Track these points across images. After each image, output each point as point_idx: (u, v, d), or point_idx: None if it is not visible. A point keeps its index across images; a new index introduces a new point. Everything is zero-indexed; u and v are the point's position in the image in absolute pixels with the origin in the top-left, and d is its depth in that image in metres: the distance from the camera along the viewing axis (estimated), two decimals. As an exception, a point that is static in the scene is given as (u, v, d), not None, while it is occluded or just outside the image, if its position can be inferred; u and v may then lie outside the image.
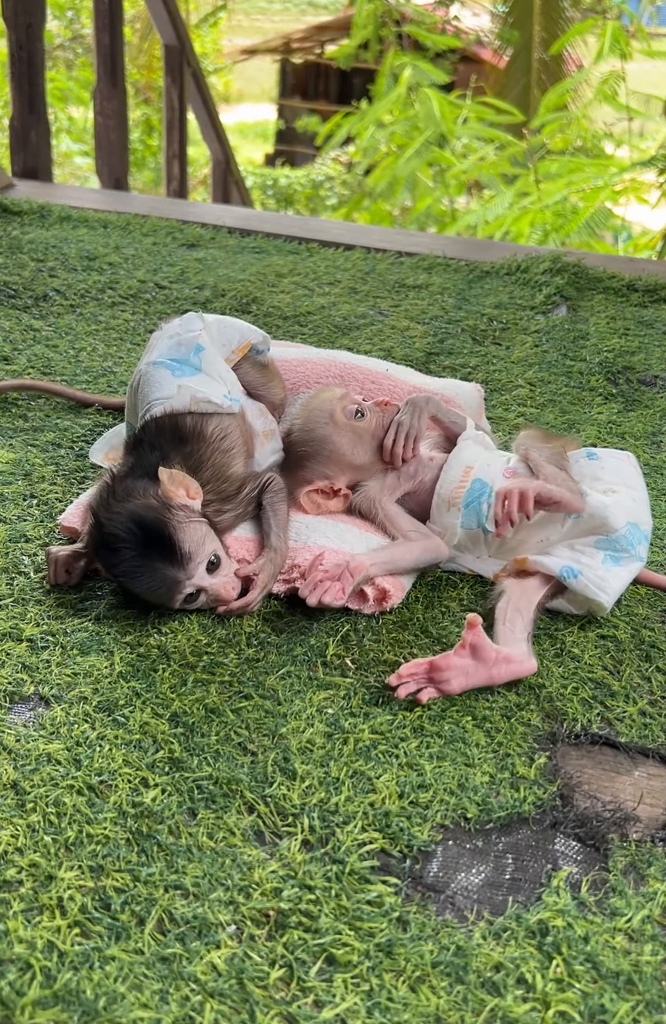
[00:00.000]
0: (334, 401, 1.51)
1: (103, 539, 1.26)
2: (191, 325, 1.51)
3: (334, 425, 1.48)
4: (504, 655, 1.20)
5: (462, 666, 1.18)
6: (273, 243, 3.10)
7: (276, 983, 0.83)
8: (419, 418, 1.47)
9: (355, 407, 1.50)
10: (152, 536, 1.23)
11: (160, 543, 1.23)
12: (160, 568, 1.24)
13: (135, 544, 1.23)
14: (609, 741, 1.14)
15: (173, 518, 1.25)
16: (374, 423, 1.49)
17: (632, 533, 1.35)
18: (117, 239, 3.00)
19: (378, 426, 1.49)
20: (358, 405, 1.50)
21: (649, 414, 2.03)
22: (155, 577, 1.24)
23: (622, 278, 2.80)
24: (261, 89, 13.99)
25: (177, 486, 1.29)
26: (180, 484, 1.29)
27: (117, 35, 4.17)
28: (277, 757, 1.07)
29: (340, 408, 1.49)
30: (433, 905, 0.91)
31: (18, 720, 1.10)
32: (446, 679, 1.17)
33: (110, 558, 1.27)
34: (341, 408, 1.49)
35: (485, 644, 1.19)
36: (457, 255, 3.08)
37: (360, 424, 1.49)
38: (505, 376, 2.17)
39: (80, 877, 0.91)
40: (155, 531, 1.23)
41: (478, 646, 1.19)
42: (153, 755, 1.06)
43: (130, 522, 1.24)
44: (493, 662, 1.19)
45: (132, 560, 1.24)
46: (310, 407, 1.53)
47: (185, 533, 1.25)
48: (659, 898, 0.93)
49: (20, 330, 2.23)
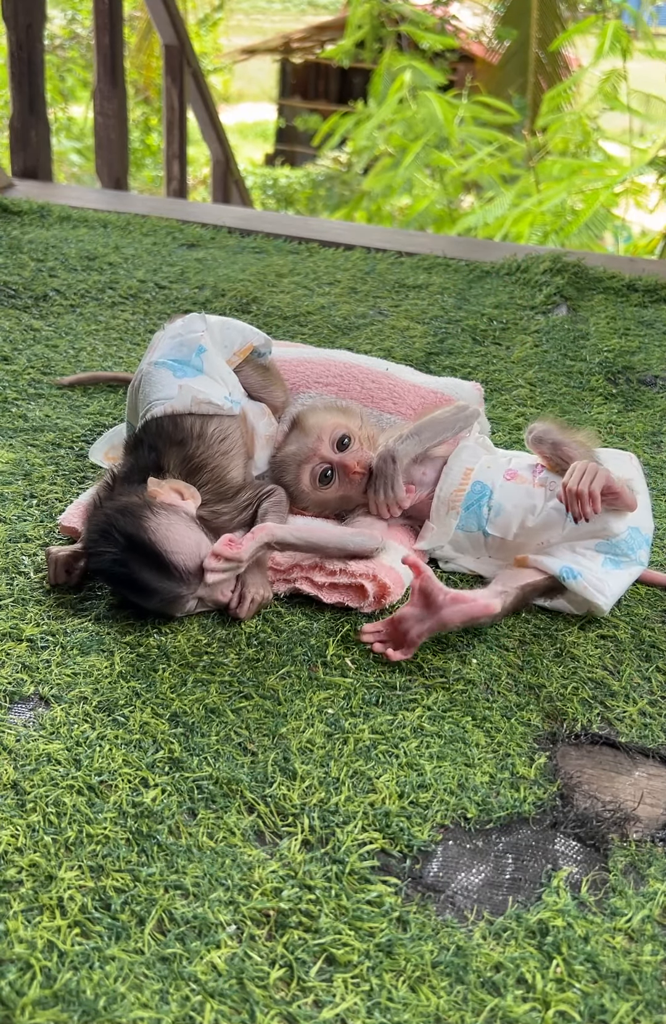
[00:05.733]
0: (303, 465, 1.45)
1: (87, 538, 1.28)
2: (193, 326, 1.51)
3: (298, 484, 1.46)
4: (453, 595, 1.21)
5: (416, 615, 1.20)
6: (273, 243, 3.10)
7: (276, 983, 0.83)
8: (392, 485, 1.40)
9: (323, 469, 1.44)
10: (128, 536, 1.22)
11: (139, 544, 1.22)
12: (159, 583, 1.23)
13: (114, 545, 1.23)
14: (609, 741, 1.14)
15: (152, 518, 1.24)
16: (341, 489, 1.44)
17: (633, 537, 1.35)
18: (117, 239, 3.00)
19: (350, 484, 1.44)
20: (330, 465, 1.44)
21: (649, 414, 2.03)
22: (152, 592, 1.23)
23: (622, 278, 2.80)
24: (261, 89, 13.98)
25: (168, 490, 1.29)
26: (173, 489, 1.29)
27: (117, 35, 4.16)
28: (277, 757, 1.07)
29: (308, 472, 1.45)
30: (433, 905, 0.91)
31: (18, 720, 1.10)
32: (405, 630, 1.19)
33: (90, 558, 1.28)
34: (309, 472, 1.45)
35: (433, 587, 1.20)
36: (457, 255, 3.08)
37: (324, 493, 1.45)
38: (505, 376, 2.17)
39: (80, 877, 0.91)
40: (130, 531, 1.22)
41: (426, 590, 1.20)
42: (153, 755, 1.06)
43: (107, 521, 1.24)
44: (442, 604, 1.20)
45: (113, 562, 1.23)
46: (284, 452, 1.49)
47: (168, 533, 1.23)
48: (659, 898, 0.93)
49: (20, 330, 2.23)
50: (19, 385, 1.94)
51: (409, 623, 1.21)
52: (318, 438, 1.45)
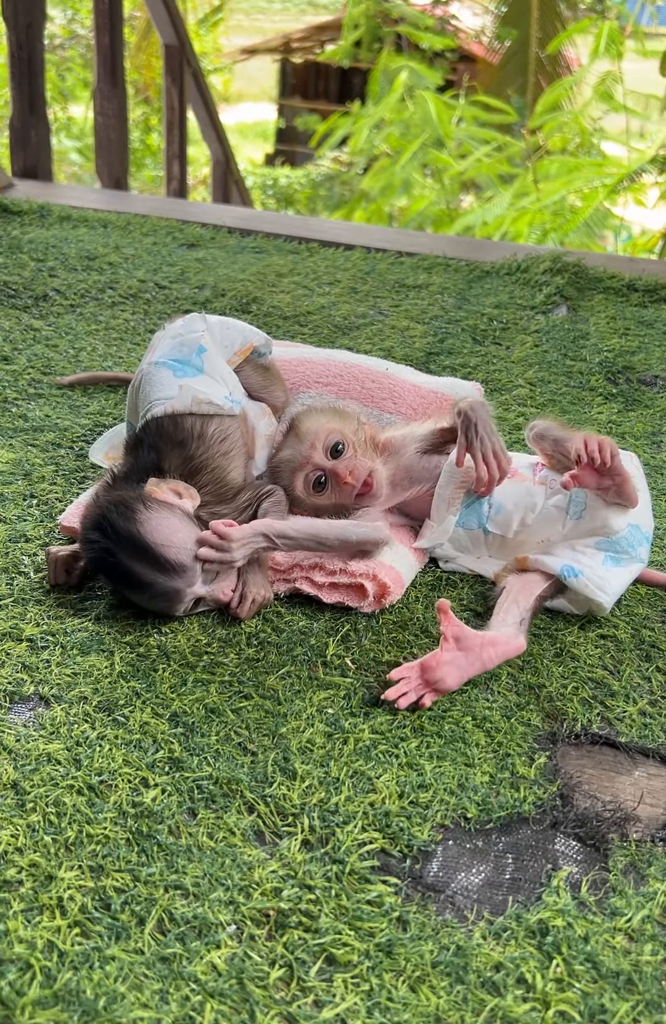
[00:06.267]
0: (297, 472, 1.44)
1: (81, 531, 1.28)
2: (193, 326, 1.50)
3: (293, 491, 1.45)
4: (489, 638, 1.20)
5: (452, 660, 1.18)
6: (273, 243, 3.10)
7: (276, 983, 0.83)
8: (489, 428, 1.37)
9: (316, 476, 1.42)
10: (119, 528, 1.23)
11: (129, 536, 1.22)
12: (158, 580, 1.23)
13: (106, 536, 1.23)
14: (609, 741, 1.14)
15: (144, 512, 1.24)
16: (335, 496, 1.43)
17: (633, 535, 1.35)
18: (117, 239, 3.00)
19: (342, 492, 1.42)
20: (323, 472, 1.42)
21: (649, 414, 2.03)
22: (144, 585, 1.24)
23: (622, 278, 2.80)
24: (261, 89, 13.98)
25: (166, 490, 1.29)
26: (171, 489, 1.30)
27: (117, 35, 4.17)
28: (277, 757, 1.07)
29: (302, 479, 1.44)
30: (433, 905, 0.91)
31: (18, 720, 1.10)
32: (440, 678, 1.16)
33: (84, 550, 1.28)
34: (303, 479, 1.44)
35: (466, 633, 1.19)
36: (457, 255, 3.08)
37: (318, 500, 1.43)
38: (505, 376, 2.17)
39: (80, 877, 0.91)
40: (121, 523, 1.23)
41: (459, 636, 1.19)
42: (153, 755, 1.06)
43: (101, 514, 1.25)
44: (480, 647, 1.19)
45: (104, 552, 1.23)
46: (279, 457, 1.48)
47: (159, 526, 1.24)
48: (659, 898, 0.93)
49: (20, 330, 2.23)
50: (19, 385, 1.94)
51: (445, 670, 1.17)
52: (311, 445, 1.43)
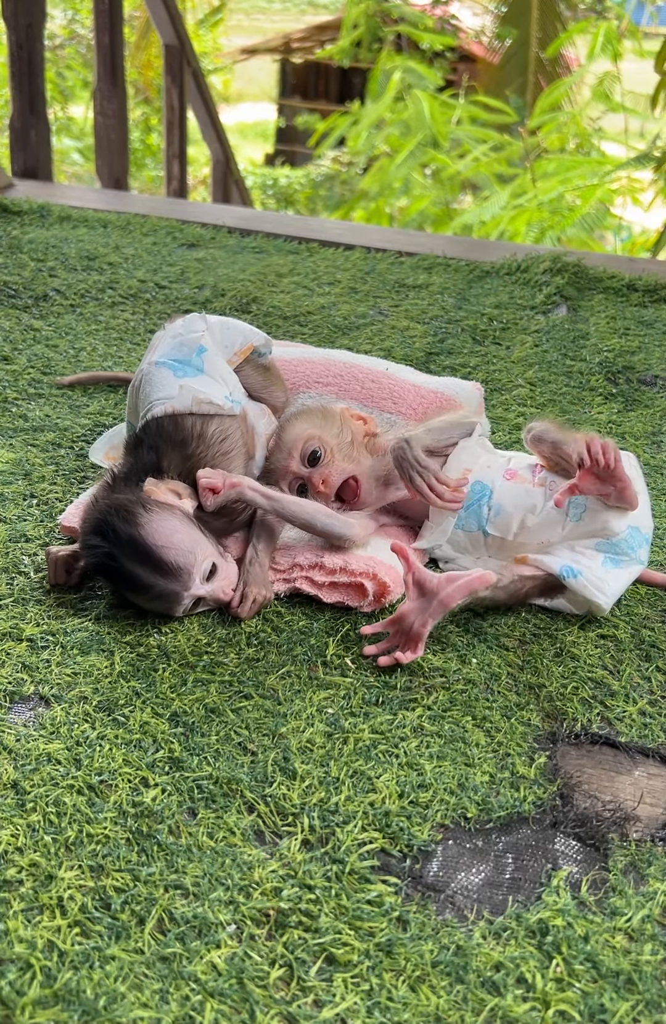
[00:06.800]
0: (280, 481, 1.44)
1: (82, 535, 1.29)
2: (194, 326, 1.50)
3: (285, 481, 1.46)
4: (447, 576, 1.22)
5: (416, 607, 1.21)
6: (273, 243, 3.10)
7: (276, 983, 0.83)
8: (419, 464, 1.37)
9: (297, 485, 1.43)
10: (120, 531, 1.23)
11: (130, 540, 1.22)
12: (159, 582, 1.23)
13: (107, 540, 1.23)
14: (609, 741, 1.14)
15: (144, 515, 1.24)
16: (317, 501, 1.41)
17: (633, 536, 1.35)
18: (117, 239, 3.00)
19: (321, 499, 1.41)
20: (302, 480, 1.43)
21: (649, 414, 2.03)
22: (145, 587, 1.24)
23: (622, 278, 2.80)
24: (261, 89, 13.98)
25: (165, 490, 1.29)
26: (170, 489, 1.30)
27: (117, 35, 4.17)
28: (277, 757, 1.07)
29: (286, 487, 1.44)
30: (433, 905, 0.91)
31: (18, 720, 1.10)
32: (408, 626, 1.20)
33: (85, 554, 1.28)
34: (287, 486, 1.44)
35: (425, 575, 1.22)
36: (457, 255, 3.08)
37: None
38: (505, 376, 2.17)
39: (80, 877, 0.91)
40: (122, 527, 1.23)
41: (420, 580, 1.22)
42: (153, 755, 1.06)
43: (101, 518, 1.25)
44: (438, 587, 1.21)
45: (106, 556, 1.24)
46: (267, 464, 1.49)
47: (160, 529, 1.24)
48: (659, 898, 0.93)
49: (20, 330, 2.23)
50: (19, 385, 1.94)
51: (411, 618, 1.21)
52: (289, 454, 1.45)
